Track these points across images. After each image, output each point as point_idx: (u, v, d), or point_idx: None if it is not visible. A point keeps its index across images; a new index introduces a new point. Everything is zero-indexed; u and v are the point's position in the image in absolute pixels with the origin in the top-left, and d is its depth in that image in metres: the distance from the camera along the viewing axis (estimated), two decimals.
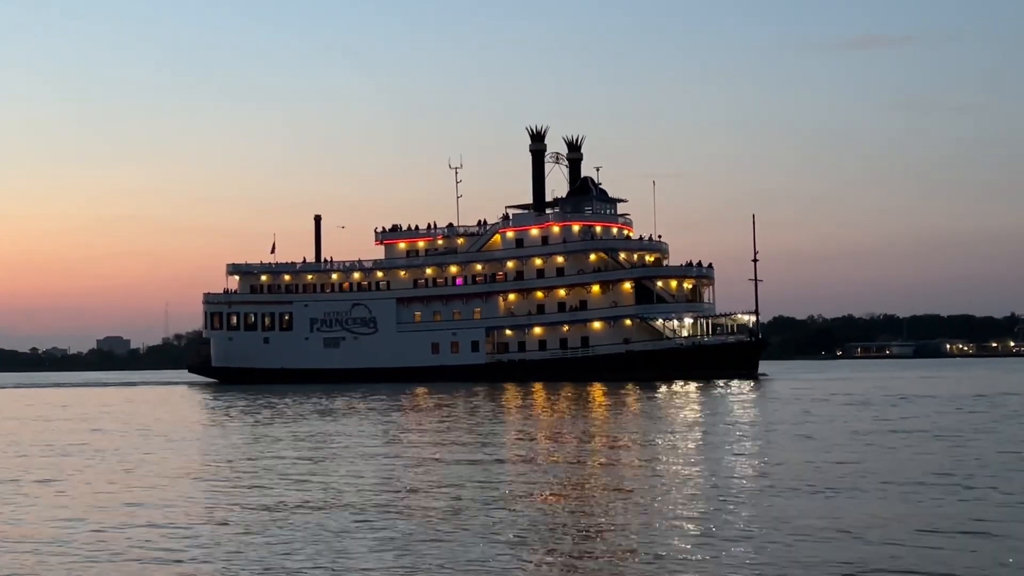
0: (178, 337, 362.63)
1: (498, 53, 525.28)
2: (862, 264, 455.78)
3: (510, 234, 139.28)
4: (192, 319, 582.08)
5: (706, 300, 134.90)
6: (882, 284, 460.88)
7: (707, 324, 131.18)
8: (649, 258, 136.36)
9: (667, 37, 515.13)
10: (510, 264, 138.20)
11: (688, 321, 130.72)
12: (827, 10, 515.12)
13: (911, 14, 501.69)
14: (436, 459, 37.54)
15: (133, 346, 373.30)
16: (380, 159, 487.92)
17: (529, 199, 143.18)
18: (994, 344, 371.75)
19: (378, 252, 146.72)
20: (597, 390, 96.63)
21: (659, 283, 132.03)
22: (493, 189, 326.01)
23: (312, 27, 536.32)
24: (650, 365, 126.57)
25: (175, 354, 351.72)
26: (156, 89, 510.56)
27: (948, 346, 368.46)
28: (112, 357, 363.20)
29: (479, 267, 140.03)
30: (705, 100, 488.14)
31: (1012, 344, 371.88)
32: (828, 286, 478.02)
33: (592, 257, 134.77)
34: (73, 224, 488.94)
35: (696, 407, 67.64)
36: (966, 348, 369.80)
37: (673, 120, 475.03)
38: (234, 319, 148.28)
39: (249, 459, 39.17)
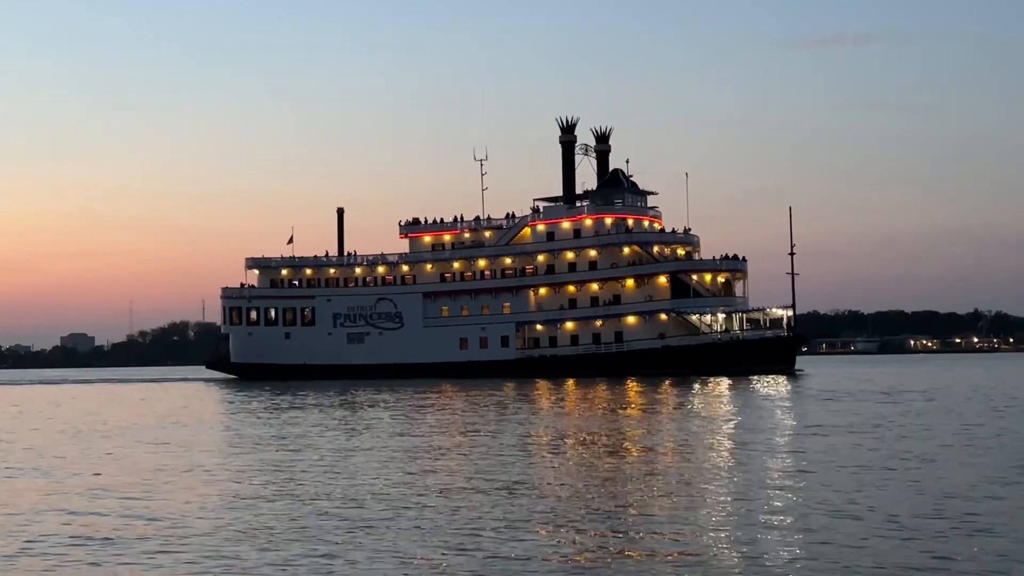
0: (143, 334, 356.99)
1: (518, 45, 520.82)
2: (827, 261, 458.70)
3: (541, 227, 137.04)
4: (157, 316, 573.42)
5: (738, 294, 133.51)
6: (847, 281, 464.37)
7: (741, 319, 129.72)
8: (680, 251, 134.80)
9: (660, 30, 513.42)
10: (541, 257, 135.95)
11: (721, 316, 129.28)
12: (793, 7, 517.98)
13: (876, 13, 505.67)
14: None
15: (98, 343, 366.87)
16: (397, 152, 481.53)
17: (553, 192, 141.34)
18: (958, 340, 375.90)
19: (402, 246, 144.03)
20: (634, 387, 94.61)
21: (694, 277, 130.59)
22: (514, 182, 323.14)
23: (329, 16, 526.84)
24: (686, 360, 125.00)
25: (140, 351, 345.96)
26: (117, 90, 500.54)
27: (912, 342, 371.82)
28: (76, 354, 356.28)
29: (508, 261, 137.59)
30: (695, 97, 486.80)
31: (976, 340, 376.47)
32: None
33: (626, 251, 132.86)
34: (37, 222, 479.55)
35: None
36: (930, 344, 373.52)
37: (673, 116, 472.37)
38: (253, 314, 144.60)
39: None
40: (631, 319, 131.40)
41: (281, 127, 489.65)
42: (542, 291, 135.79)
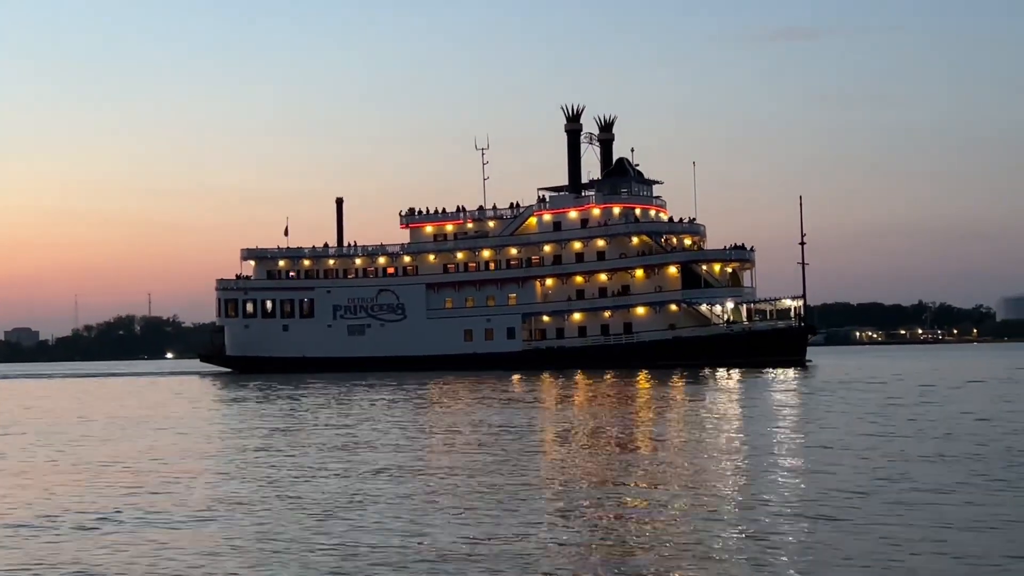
0: (88, 328, 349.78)
1: (516, 34, 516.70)
2: (773, 253, 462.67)
3: (547, 217, 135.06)
4: (103, 310, 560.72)
5: (746, 284, 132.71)
6: (793, 273, 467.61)
7: (749, 309, 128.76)
8: (688, 241, 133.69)
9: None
10: (547, 248, 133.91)
11: (730, 306, 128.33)
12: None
13: (829, 7, 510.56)
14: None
15: (42, 337, 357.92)
16: (396, 142, 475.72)
17: (555, 181, 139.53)
18: (903, 331, 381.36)
19: (402, 236, 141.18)
20: (644, 379, 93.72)
21: (703, 267, 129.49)
22: (515, 171, 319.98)
23: (327, 2, 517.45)
24: (697, 352, 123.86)
25: (85, 345, 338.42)
26: (68, 83, 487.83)
27: (858, 334, 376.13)
28: (20, 349, 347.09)
29: (514, 251, 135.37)
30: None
31: (920, 331, 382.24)
32: None
33: (635, 241, 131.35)
34: None
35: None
36: (875, 335, 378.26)
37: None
38: (250, 306, 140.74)
39: None
40: (641, 310, 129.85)
41: (275, 117, 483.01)
42: (549, 282, 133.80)
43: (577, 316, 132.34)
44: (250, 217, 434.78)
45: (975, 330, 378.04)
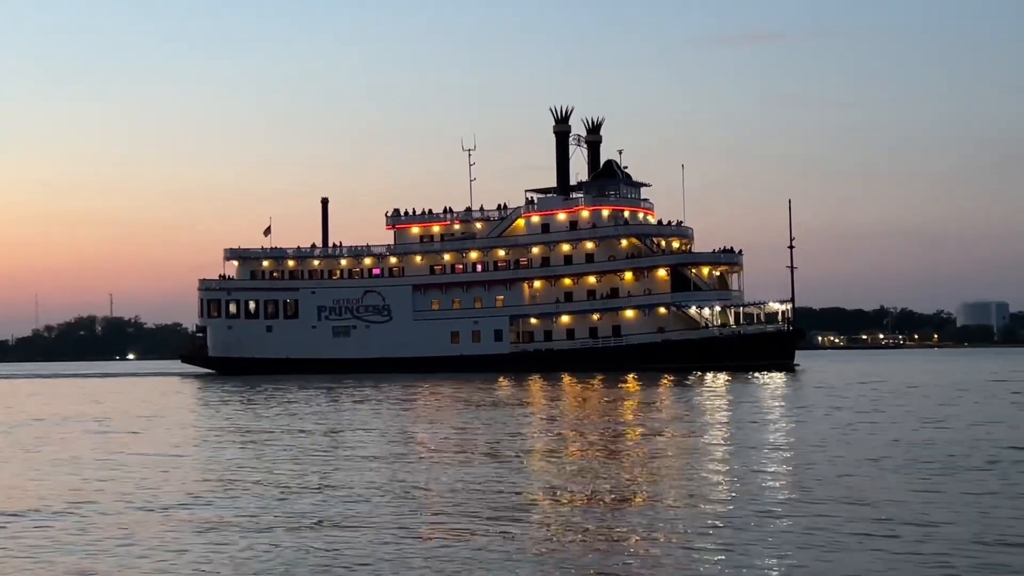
0: (48, 329, 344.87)
1: (503, 34, 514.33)
2: (756, 256, 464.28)
3: (535, 218, 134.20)
4: (64, 311, 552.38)
5: (733, 288, 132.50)
6: (754, 278, 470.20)
7: (737, 313, 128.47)
8: (676, 244, 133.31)
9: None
10: (535, 250, 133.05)
11: (717, 309, 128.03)
12: (702, 6, 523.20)
13: (821, 10, 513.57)
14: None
15: (1, 337, 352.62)
16: (381, 142, 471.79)
17: (542, 183, 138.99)
18: (864, 336, 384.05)
19: (387, 237, 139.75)
20: (632, 382, 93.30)
21: (693, 270, 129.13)
22: (500, 172, 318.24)
23: (312, 1, 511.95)
24: (686, 355, 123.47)
25: (46, 345, 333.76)
26: (42, 81, 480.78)
27: (820, 338, 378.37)
28: None
29: (502, 253, 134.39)
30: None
31: (881, 336, 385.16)
32: None
33: (624, 243, 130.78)
34: None
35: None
36: (837, 340, 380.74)
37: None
38: (233, 307, 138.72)
39: None
40: (630, 313, 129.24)
41: (258, 116, 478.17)
42: (537, 284, 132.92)
43: (565, 319, 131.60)
44: (230, 217, 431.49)
45: (936, 335, 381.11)
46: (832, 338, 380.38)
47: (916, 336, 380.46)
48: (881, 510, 22.54)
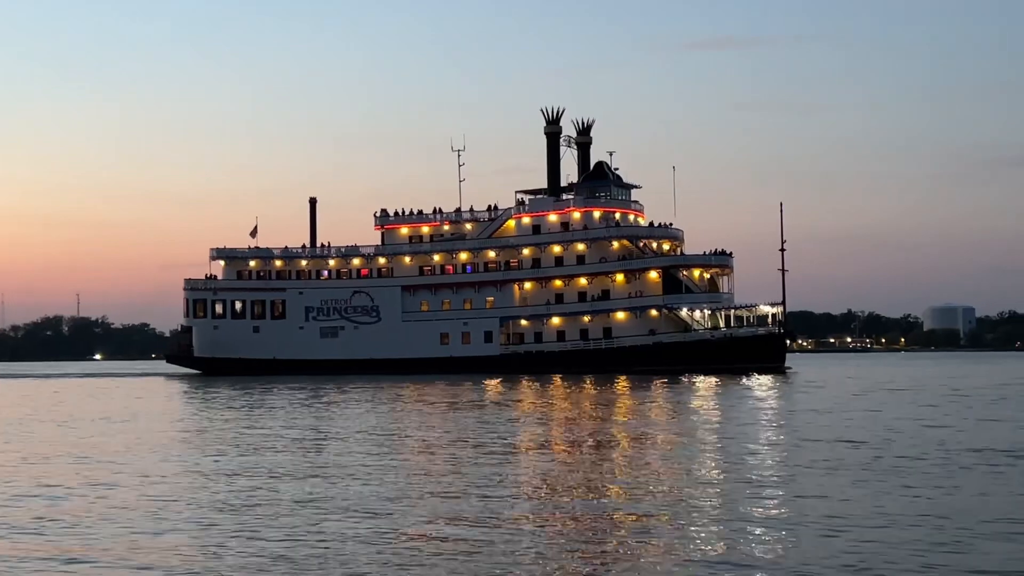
0: (15, 329, 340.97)
1: (492, 36, 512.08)
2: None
3: (526, 220, 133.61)
4: (30, 310, 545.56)
5: (724, 290, 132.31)
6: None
7: (728, 315, 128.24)
8: (666, 246, 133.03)
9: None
10: (526, 251, 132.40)
11: (707, 312, 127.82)
12: (673, 11, 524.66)
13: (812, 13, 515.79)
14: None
15: None
16: (370, 143, 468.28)
17: (529, 184, 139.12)
18: (832, 339, 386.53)
19: (376, 238, 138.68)
20: (624, 384, 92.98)
21: (684, 272, 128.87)
22: (489, 174, 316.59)
23: (301, 2, 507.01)
24: (677, 357, 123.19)
25: (12, 346, 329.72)
26: (20, 80, 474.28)
27: (788, 341, 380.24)
28: None
29: (492, 254, 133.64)
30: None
31: (849, 340, 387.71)
32: None
33: (615, 245, 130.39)
34: None
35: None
36: (805, 343, 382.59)
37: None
38: (219, 307, 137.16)
39: None
40: (621, 315, 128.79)
41: (245, 116, 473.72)
42: (527, 285, 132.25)
43: (556, 320, 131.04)
44: (214, 217, 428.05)
45: (903, 339, 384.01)
46: (800, 341, 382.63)
47: (883, 340, 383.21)
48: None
